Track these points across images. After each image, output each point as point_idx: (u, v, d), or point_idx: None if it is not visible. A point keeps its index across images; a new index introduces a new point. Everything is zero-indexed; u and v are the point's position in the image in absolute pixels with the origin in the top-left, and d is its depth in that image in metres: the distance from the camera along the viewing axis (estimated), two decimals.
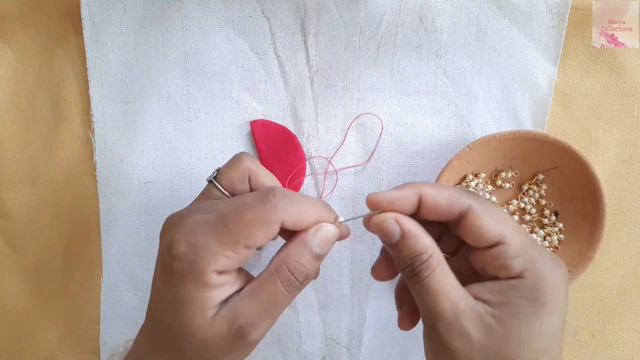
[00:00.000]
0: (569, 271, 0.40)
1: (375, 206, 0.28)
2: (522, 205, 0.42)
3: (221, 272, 0.27)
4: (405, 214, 0.28)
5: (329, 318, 0.43)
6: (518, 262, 0.27)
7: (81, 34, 0.41)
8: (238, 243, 0.27)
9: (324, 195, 0.42)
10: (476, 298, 0.28)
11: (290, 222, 0.28)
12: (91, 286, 0.43)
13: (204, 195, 0.32)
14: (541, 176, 0.41)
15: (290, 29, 0.41)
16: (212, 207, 0.29)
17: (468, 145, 0.39)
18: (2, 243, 0.43)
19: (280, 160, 0.41)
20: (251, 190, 0.32)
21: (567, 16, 0.40)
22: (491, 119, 0.42)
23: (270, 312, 0.28)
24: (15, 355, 0.44)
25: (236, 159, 0.32)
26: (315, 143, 0.42)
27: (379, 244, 0.43)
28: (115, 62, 0.41)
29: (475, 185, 0.41)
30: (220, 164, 0.42)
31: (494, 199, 0.42)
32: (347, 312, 0.43)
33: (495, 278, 0.28)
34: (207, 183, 0.32)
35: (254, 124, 0.41)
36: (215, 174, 0.32)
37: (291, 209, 0.28)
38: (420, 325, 0.43)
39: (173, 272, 0.27)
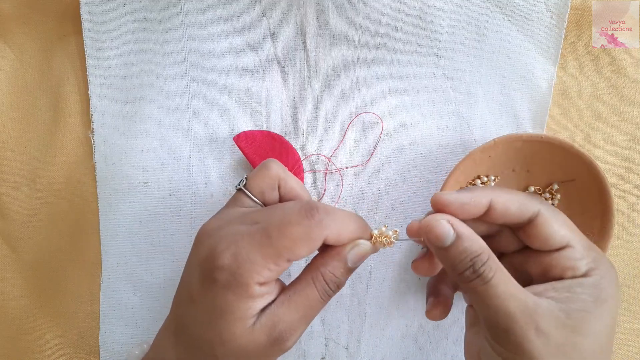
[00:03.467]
0: None
1: (442, 208, 0.29)
2: None
3: (263, 284, 0.28)
4: (469, 218, 0.29)
5: (328, 318, 0.43)
6: (584, 263, 0.28)
7: (81, 34, 0.41)
8: (281, 257, 0.28)
9: (324, 195, 0.42)
10: (540, 296, 0.28)
11: (333, 239, 0.29)
12: (91, 286, 0.43)
13: (234, 203, 0.32)
14: (556, 186, 0.41)
15: (290, 29, 0.41)
16: (249, 218, 0.30)
17: (494, 140, 0.39)
18: (1, 243, 0.43)
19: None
20: (280, 198, 0.33)
21: (567, 16, 0.40)
22: (490, 119, 0.42)
23: (307, 318, 0.30)
24: (14, 355, 0.44)
25: (265, 166, 0.32)
26: (314, 143, 0.42)
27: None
28: (114, 62, 0.41)
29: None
30: (220, 163, 0.42)
31: None
32: (347, 312, 0.43)
33: (556, 279, 0.29)
34: (235, 191, 0.33)
35: (237, 139, 0.41)
36: (244, 182, 0.32)
37: (334, 226, 0.28)
38: (418, 325, 0.43)
39: (216, 282, 0.28)
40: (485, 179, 0.41)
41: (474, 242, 0.28)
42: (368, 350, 0.43)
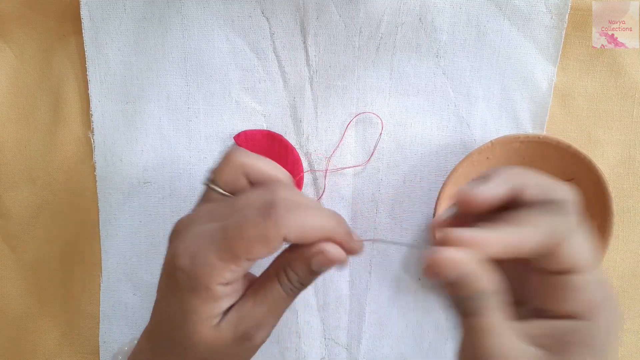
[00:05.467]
0: None
1: (473, 207, 0.26)
2: None
3: (226, 284, 0.27)
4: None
5: (328, 318, 0.43)
6: (582, 298, 0.25)
7: (81, 33, 0.41)
8: (239, 258, 0.27)
9: (324, 194, 0.42)
10: (530, 338, 0.25)
11: (293, 238, 0.27)
12: (90, 286, 0.43)
13: (206, 199, 0.31)
14: None
15: (290, 29, 0.41)
16: (214, 214, 0.29)
17: (490, 141, 0.39)
18: (1, 243, 0.43)
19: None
20: (251, 183, 0.31)
21: (567, 16, 0.40)
22: (490, 119, 0.42)
23: (274, 313, 0.29)
24: (14, 355, 0.44)
25: (226, 157, 0.31)
26: (314, 143, 0.42)
27: (378, 245, 0.43)
28: (114, 62, 0.41)
29: None
30: None
31: None
32: (346, 312, 0.43)
33: (548, 311, 0.25)
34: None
35: (237, 138, 0.41)
36: (210, 176, 0.31)
37: (294, 225, 0.26)
38: (418, 325, 0.43)
39: (177, 284, 0.27)
40: None
41: (480, 279, 0.25)
42: (368, 351, 0.43)
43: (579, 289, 0.25)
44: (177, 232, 0.29)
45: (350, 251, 0.29)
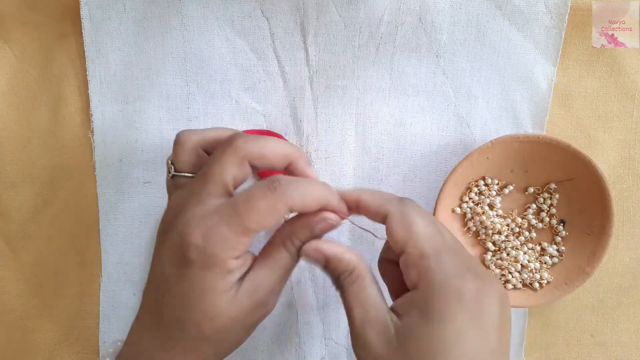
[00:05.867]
0: (565, 284, 0.40)
1: (325, 206, 0.31)
2: (531, 212, 0.42)
3: (238, 257, 0.30)
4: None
5: (328, 318, 0.43)
6: (413, 272, 0.28)
7: (81, 33, 0.41)
8: (250, 229, 0.29)
9: None
10: (392, 309, 0.29)
11: (298, 207, 0.30)
12: (91, 286, 0.43)
13: (175, 187, 0.33)
14: (553, 185, 0.41)
15: (290, 29, 0.41)
16: (198, 194, 0.31)
17: (491, 141, 0.39)
18: (1, 243, 0.43)
19: None
20: (207, 152, 0.34)
21: (567, 17, 0.40)
22: (490, 119, 0.42)
23: (284, 279, 0.32)
24: (14, 355, 0.44)
25: (177, 142, 0.34)
26: (314, 143, 0.42)
27: (378, 245, 0.43)
28: (114, 62, 0.41)
29: (481, 193, 0.41)
30: None
31: (497, 203, 0.41)
32: None
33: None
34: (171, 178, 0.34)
35: None
36: (172, 167, 0.33)
37: (298, 196, 0.29)
38: None
39: (190, 263, 0.29)
40: (489, 180, 0.41)
41: (340, 262, 0.30)
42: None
43: (405, 265, 0.29)
44: (172, 220, 0.31)
45: (342, 216, 0.32)
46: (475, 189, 0.41)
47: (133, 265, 0.43)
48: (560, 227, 0.41)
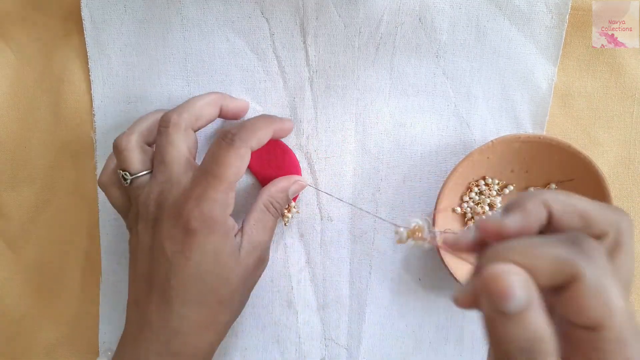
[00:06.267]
0: None
1: (496, 235, 0.23)
2: None
3: (230, 214, 0.33)
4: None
5: (328, 318, 0.43)
6: (607, 357, 0.20)
7: (81, 34, 0.41)
8: (231, 184, 0.32)
9: (322, 193, 0.42)
10: None
11: (255, 146, 0.34)
12: (91, 286, 0.43)
13: (136, 189, 0.36)
14: (554, 186, 0.41)
15: (290, 30, 0.41)
16: (173, 180, 0.34)
17: (491, 141, 0.39)
18: (1, 243, 0.43)
19: (271, 166, 0.41)
20: (149, 145, 0.38)
21: (567, 16, 0.40)
22: (490, 119, 0.42)
23: (271, 237, 0.38)
24: (14, 355, 0.44)
25: (114, 148, 0.37)
26: (314, 143, 0.42)
27: (378, 244, 0.43)
28: (116, 63, 0.42)
29: (481, 193, 0.41)
30: None
31: (498, 203, 0.41)
32: (346, 312, 0.43)
33: None
34: (128, 184, 0.36)
35: None
36: (126, 173, 0.36)
37: (253, 138, 0.34)
38: (418, 325, 0.43)
39: (195, 233, 0.32)
40: (490, 180, 0.41)
41: (542, 323, 0.20)
42: (368, 350, 0.43)
43: (600, 349, 0.20)
44: (153, 220, 0.34)
45: (287, 131, 0.39)
46: (476, 189, 0.41)
47: None
48: None
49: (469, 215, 0.41)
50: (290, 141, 0.42)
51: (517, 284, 0.20)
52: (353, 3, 0.40)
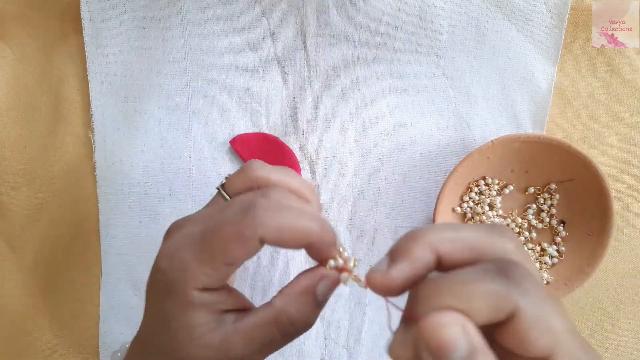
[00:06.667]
0: (564, 284, 0.40)
1: (384, 292, 0.22)
2: (531, 212, 0.42)
3: (203, 290, 0.26)
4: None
5: (328, 318, 0.43)
6: None
7: (81, 33, 0.41)
8: (216, 260, 0.25)
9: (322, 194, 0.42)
10: None
11: (272, 238, 0.25)
12: (91, 286, 0.43)
13: (211, 203, 0.31)
14: (554, 186, 0.41)
15: (290, 29, 0.41)
16: (205, 216, 0.28)
17: (491, 141, 0.39)
18: (1, 243, 0.43)
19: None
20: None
21: (567, 16, 0.40)
22: (490, 119, 0.42)
23: (264, 354, 0.27)
24: (14, 355, 0.44)
25: (244, 168, 0.30)
26: (314, 143, 0.42)
27: (378, 244, 0.43)
28: (115, 62, 0.41)
29: (481, 193, 0.41)
30: (220, 163, 0.42)
31: (498, 203, 0.41)
32: (346, 312, 0.43)
33: None
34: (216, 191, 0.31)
35: (233, 143, 0.41)
36: (223, 182, 0.31)
37: (271, 224, 0.25)
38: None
39: (158, 285, 0.27)
40: (490, 180, 0.41)
41: None
42: (368, 350, 0.43)
43: None
44: (169, 233, 0.29)
45: (329, 255, 0.26)
46: (476, 189, 0.41)
47: (133, 265, 0.43)
48: (560, 228, 0.41)
49: (469, 215, 0.42)
50: (290, 141, 0.42)
51: (458, 335, 0.19)
52: (353, 3, 0.40)
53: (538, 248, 0.42)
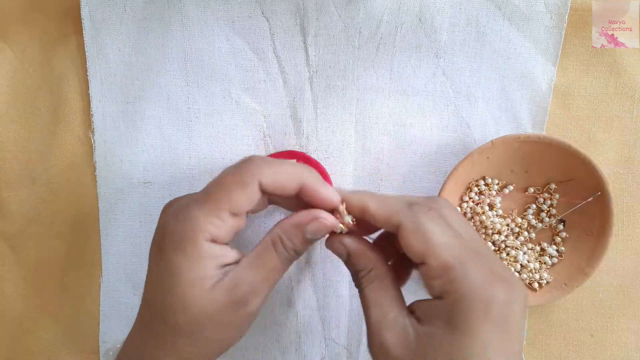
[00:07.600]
0: (564, 284, 0.40)
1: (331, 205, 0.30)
2: (530, 212, 0.42)
3: (212, 241, 0.28)
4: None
5: (328, 318, 0.43)
6: (437, 283, 0.27)
7: (81, 33, 0.41)
8: (221, 208, 0.28)
9: None
10: (412, 312, 0.28)
11: (269, 183, 0.29)
12: (91, 286, 0.43)
13: None
14: (553, 186, 0.41)
15: (290, 30, 0.41)
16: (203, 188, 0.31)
17: (491, 141, 0.39)
18: (1, 243, 0.43)
19: None
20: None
21: (567, 16, 0.40)
22: (490, 119, 0.42)
23: (269, 282, 0.30)
24: (14, 355, 0.44)
25: (242, 163, 0.31)
26: (314, 143, 0.42)
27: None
28: (115, 62, 0.41)
29: (481, 192, 0.41)
30: (219, 164, 0.42)
31: (497, 203, 0.41)
32: (347, 312, 0.43)
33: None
34: None
35: None
36: None
37: (268, 170, 0.28)
38: None
39: (165, 247, 0.28)
40: (490, 180, 0.41)
41: (361, 258, 0.30)
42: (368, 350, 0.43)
43: (427, 276, 0.27)
44: (168, 205, 0.31)
45: (325, 200, 0.30)
46: (476, 189, 0.41)
47: (133, 265, 0.43)
48: (560, 227, 0.41)
49: (469, 215, 0.42)
50: (290, 141, 0.42)
51: (337, 247, 0.31)
52: (353, 3, 0.40)
53: (538, 248, 0.42)
